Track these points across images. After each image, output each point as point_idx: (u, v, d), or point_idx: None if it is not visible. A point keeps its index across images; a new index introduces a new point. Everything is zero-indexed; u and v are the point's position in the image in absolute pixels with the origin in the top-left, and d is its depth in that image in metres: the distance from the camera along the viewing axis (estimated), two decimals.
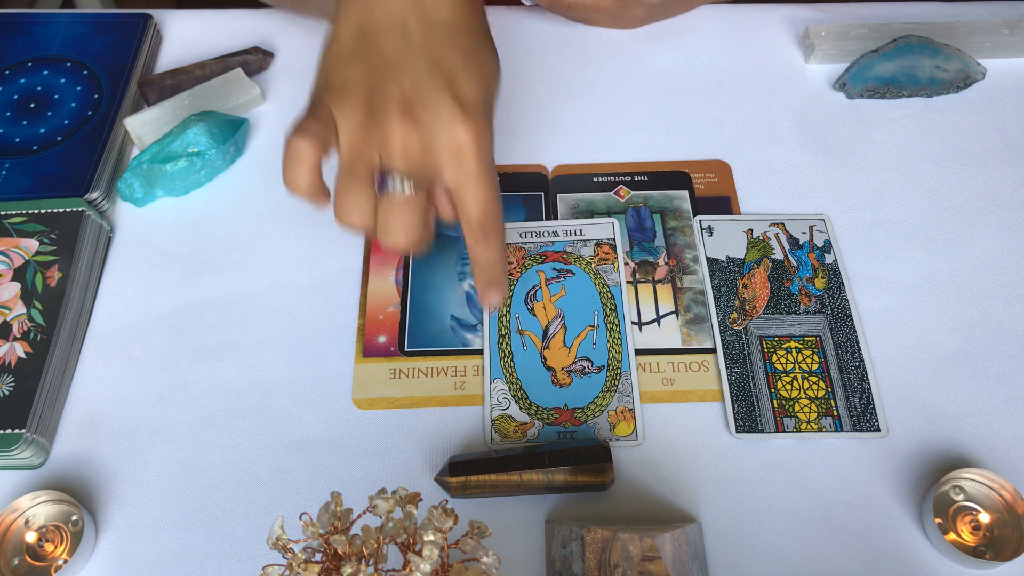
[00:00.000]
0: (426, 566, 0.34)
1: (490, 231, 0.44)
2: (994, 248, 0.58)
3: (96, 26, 0.68)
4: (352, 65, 0.42)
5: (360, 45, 0.42)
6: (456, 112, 0.40)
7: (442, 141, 0.41)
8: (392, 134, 0.40)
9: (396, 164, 0.41)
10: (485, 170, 0.42)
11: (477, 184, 0.42)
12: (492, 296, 0.48)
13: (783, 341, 0.54)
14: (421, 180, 0.42)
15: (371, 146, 0.41)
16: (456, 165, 0.41)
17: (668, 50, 0.69)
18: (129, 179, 0.59)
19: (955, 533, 0.47)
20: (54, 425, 0.52)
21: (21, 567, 0.47)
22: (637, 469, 0.50)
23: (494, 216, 0.44)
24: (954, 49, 0.64)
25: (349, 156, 0.41)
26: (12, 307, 0.54)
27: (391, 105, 0.40)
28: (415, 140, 0.41)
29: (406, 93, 0.40)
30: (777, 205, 0.60)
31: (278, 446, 0.51)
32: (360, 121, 0.41)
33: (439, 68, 0.41)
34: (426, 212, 0.43)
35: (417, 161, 0.41)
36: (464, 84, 0.41)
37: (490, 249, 0.45)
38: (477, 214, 0.43)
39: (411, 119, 0.40)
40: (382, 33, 0.41)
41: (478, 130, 0.41)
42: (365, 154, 0.41)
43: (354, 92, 0.41)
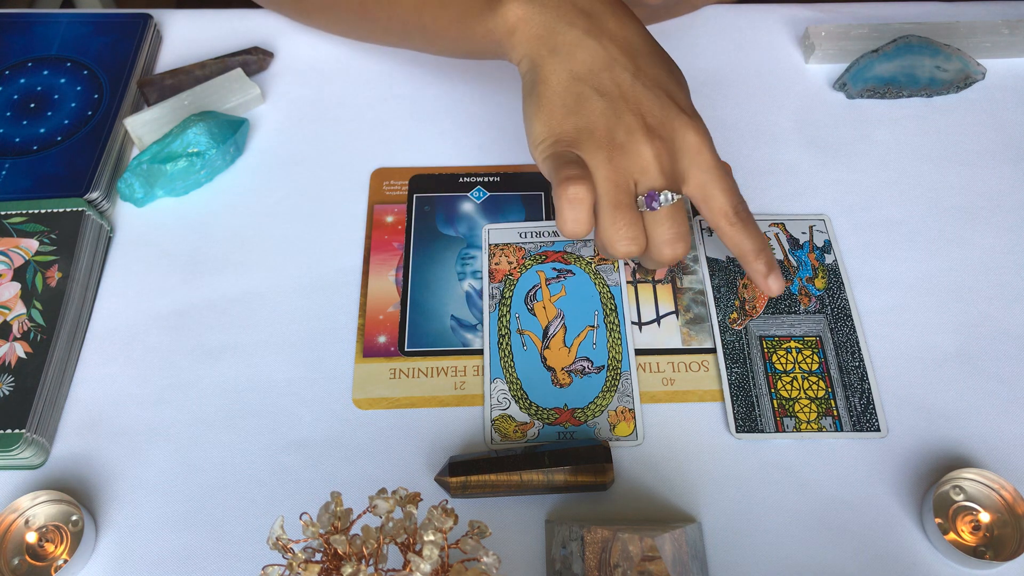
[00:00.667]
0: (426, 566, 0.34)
1: (744, 215, 0.47)
2: (994, 248, 0.58)
3: (96, 26, 0.68)
4: (578, 112, 0.45)
5: (578, 91, 0.45)
6: (685, 120, 0.45)
7: (684, 147, 0.45)
8: (645, 155, 0.44)
9: (655, 181, 0.45)
10: (720, 163, 0.46)
11: (720, 176, 0.46)
12: (774, 282, 0.49)
13: (783, 341, 0.54)
14: (678, 187, 0.46)
15: (627, 176, 0.45)
16: (699, 164, 0.46)
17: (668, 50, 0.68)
18: (129, 179, 0.59)
19: (955, 533, 0.47)
20: (54, 425, 0.52)
21: (21, 567, 0.47)
22: (637, 469, 0.50)
23: (741, 201, 0.47)
24: (954, 49, 0.64)
25: (611, 191, 0.44)
26: (12, 307, 0.54)
27: (635, 132, 0.44)
28: (664, 153, 0.45)
29: (643, 117, 0.45)
30: (777, 205, 0.60)
31: (278, 446, 0.51)
32: (609, 155, 0.44)
33: (657, 89, 0.46)
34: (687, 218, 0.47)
35: (669, 172, 0.45)
36: (678, 95, 0.47)
37: (750, 232, 0.48)
38: (728, 201, 0.46)
39: (656, 137, 0.45)
40: (596, 74, 0.45)
41: (705, 131, 0.46)
42: (625, 184, 0.45)
43: (594, 133, 0.45)
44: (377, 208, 0.60)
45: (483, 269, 0.57)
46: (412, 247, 0.58)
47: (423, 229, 0.59)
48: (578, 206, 0.44)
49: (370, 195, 0.61)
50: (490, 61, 0.69)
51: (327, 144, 0.64)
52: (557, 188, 0.44)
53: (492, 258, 0.57)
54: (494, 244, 0.58)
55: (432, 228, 0.59)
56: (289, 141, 0.64)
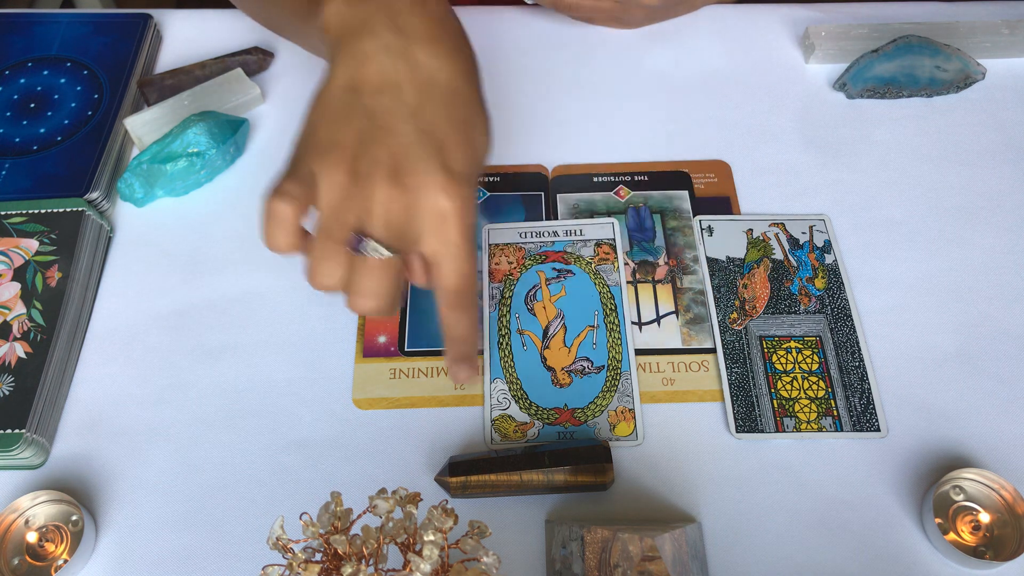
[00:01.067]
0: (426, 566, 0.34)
1: (465, 302, 0.43)
2: (994, 248, 0.58)
3: (96, 26, 0.68)
4: (340, 124, 0.41)
5: (349, 102, 0.41)
6: (443, 181, 0.39)
7: (426, 209, 0.40)
8: (375, 198, 0.39)
9: (376, 228, 0.40)
10: (466, 242, 0.41)
11: (457, 255, 0.41)
12: (462, 372, 0.47)
13: (783, 341, 0.54)
14: (398, 246, 0.41)
15: (351, 209, 0.40)
16: (438, 234, 0.40)
17: (668, 50, 0.69)
18: (129, 179, 0.59)
19: (955, 533, 0.47)
20: (54, 425, 0.52)
21: (21, 567, 0.47)
22: (637, 469, 0.50)
23: (470, 288, 0.43)
24: (954, 49, 0.64)
25: (328, 219, 0.40)
26: (12, 307, 0.54)
27: (378, 168, 0.39)
28: (398, 205, 0.40)
29: (394, 157, 0.39)
30: (777, 205, 0.60)
31: (278, 446, 0.51)
32: (342, 183, 0.40)
33: (430, 135, 0.40)
34: (399, 277, 0.42)
35: (397, 227, 0.40)
36: (453, 154, 0.40)
37: (463, 321, 0.44)
38: (454, 284, 0.42)
39: (397, 184, 0.39)
40: (374, 92, 0.40)
41: (463, 202, 0.40)
42: (343, 217, 0.40)
43: (340, 152, 0.40)
44: None
45: (483, 269, 0.57)
46: None
47: None
48: (277, 224, 0.40)
49: None
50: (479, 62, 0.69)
51: None
52: (267, 196, 0.40)
53: (492, 258, 0.57)
54: (494, 244, 0.58)
55: None
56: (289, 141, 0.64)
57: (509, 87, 0.66)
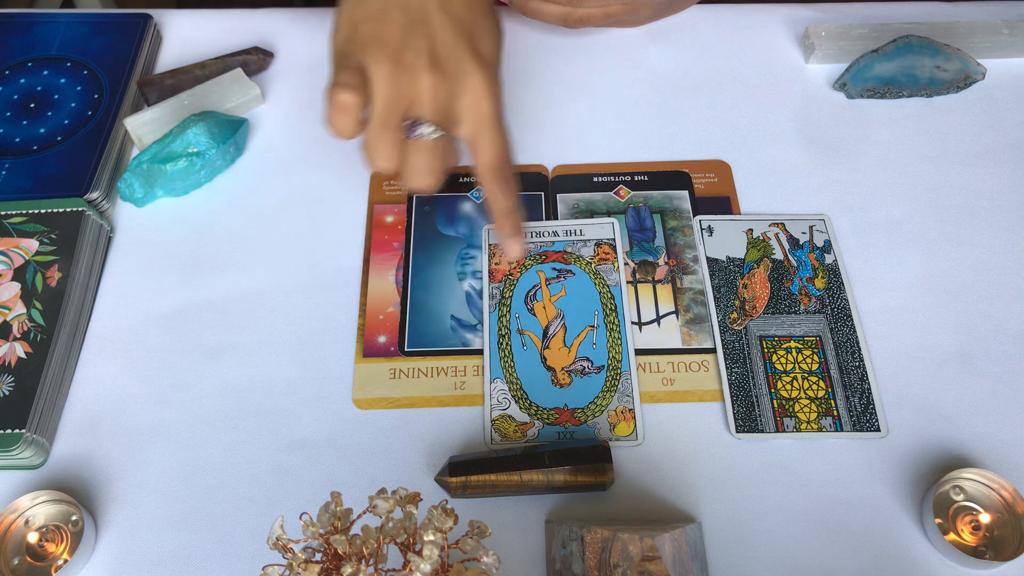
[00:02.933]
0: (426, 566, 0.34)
1: (506, 174, 0.47)
2: (994, 248, 0.58)
3: (96, 26, 0.68)
4: (381, 18, 0.45)
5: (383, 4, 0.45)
6: (477, 65, 0.44)
7: (465, 91, 0.44)
8: (423, 85, 0.44)
9: (426, 112, 0.44)
10: (499, 117, 0.46)
11: (492, 128, 0.45)
12: (514, 245, 0.50)
13: (783, 341, 0.54)
14: (447, 125, 0.45)
15: (402, 96, 0.44)
16: (474, 111, 0.45)
17: (668, 50, 0.69)
18: (129, 179, 0.59)
19: (955, 533, 0.47)
20: (54, 425, 0.52)
21: (21, 567, 0.47)
22: (637, 469, 0.50)
23: (508, 160, 0.47)
24: (954, 49, 0.64)
25: (382, 107, 0.44)
26: (12, 307, 0.54)
27: (421, 59, 0.44)
28: (443, 90, 0.44)
29: (434, 47, 0.44)
30: (777, 205, 0.60)
31: (278, 446, 0.51)
32: (391, 73, 0.44)
33: (461, 25, 0.45)
34: (446, 156, 0.47)
35: (442, 109, 0.44)
36: (481, 41, 0.45)
37: (507, 193, 0.48)
38: (493, 158, 0.46)
39: (440, 71, 0.44)
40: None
41: (493, 82, 0.45)
42: (396, 104, 0.44)
43: (384, 46, 0.44)
44: (377, 208, 0.60)
45: (483, 269, 0.57)
46: (412, 247, 0.58)
47: (423, 229, 0.59)
48: (343, 113, 0.44)
49: (370, 195, 0.61)
50: None
51: (327, 144, 0.63)
52: (329, 90, 0.44)
53: (492, 258, 0.57)
54: (494, 244, 0.58)
55: (432, 228, 0.59)
56: (289, 141, 0.64)
57: (509, 87, 0.66)
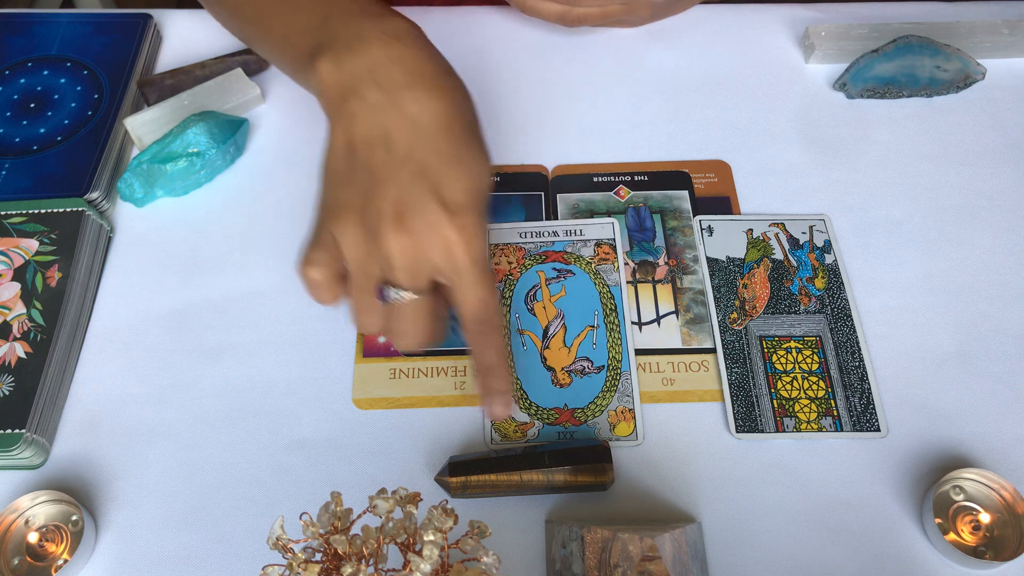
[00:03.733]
0: (426, 566, 0.34)
1: (487, 328, 0.45)
2: (994, 248, 0.58)
3: (96, 26, 0.68)
4: (344, 185, 0.43)
5: (349, 162, 0.43)
6: (443, 215, 0.42)
7: (433, 245, 0.42)
8: (389, 248, 0.42)
9: (398, 274, 0.43)
10: (477, 268, 0.43)
11: (470, 282, 0.43)
12: (496, 406, 0.47)
13: (783, 341, 0.54)
14: (423, 283, 0.43)
15: (372, 262, 0.43)
16: (449, 264, 0.43)
17: (668, 50, 0.69)
18: (129, 179, 0.59)
19: (955, 533, 0.47)
20: (54, 425, 0.52)
21: (21, 567, 0.47)
22: (637, 469, 0.50)
23: (489, 312, 0.44)
24: (954, 49, 0.64)
25: (356, 273, 0.44)
26: (12, 307, 0.54)
27: (383, 219, 0.42)
28: (410, 249, 0.42)
29: (395, 205, 0.42)
30: (777, 205, 0.60)
31: (278, 446, 0.51)
32: (359, 239, 0.43)
33: (424, 175, 0.42)
34: (433, 311, 0.45)
35: (416, 267, 0.43)
36: (449, 187, 0.42)
37: (489, 348, 0.45)
38: (472, 311, 0.44)
39: (403, 229, 0.42)
40: (368, 148, 0.43)
41: (466, 229, 0.42)
42: (368, 270, 0.43)
43: (348, 212, 0.43)
44: None
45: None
46: None
47: None
48: (315, 288, 0.45)
49: None
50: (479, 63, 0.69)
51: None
52: (299, 266, 0.44)
53: (492, 258, 0.57)
54: (494, 244, 0.58)
55: None
56: (289, 141, 0.64)
57: (509, 87, 0.66)
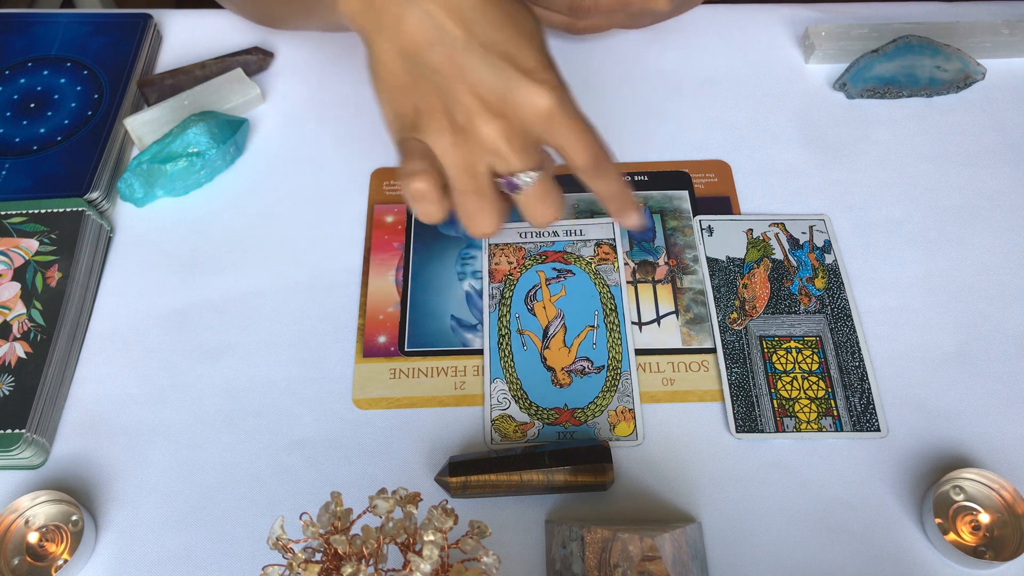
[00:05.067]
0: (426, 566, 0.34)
1: (602, 167, 0.44)
2: (994, 248, 0.58)
3: (96, 26, 0.68)
4: (415, 92, 0.42)
5: (411, 68, 0.42)
6: (528, 84, 0.40)
7: (531, 118, 0.41)
8: (490, 139, 0.41)
9: (511, 160, 0.41)
10: (575, 120, 0.42)
11: (576, 136, 0.42)
12: (630, 219, 0.47)
13: (783, 341, 0.54)
14: (536, 158, 0.42)
15: (477, 158, 0.41)
16: (551, 129, 0.41)
17: (668, 50, 0.69)
18: (129, 179, 0.59)
19: (955, 533, 0.47)
20: (54, 425, 0.52)
21: (21, 567, 0.47)
22: (637, 469, 0.50)
23: (600, 155, 0.44)
24: (954, 49, 0.64)
25: (460, 176, 0.42)
26: (12, 307, 0.54)
27: (472, 112, 0.40)
28: (512, 132, 0.41)
29: (479, 94, 0.40)
30: (777, 205, 0.60)
31: (278, 446, 0.51)
32: (453, 141, 0.41)
33: (493, 52, 0.41)
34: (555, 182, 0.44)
35: (524, 146, 0.41)
36: (519, 54, 0.41)
37: (610, 181, 0.45)
38: (586, 160, 0.43)
39: (496, 115, 0.41)
40: (425, 48, 0.41)
41: (553, 89, 0.41)
42: (473, 167, 0.42)
43: (432, 116, 0.41)
44: (377, 208, 0.60)
45: (483, 269, 0.57)
46: (412, 247, 0.58)
47: (423, 229, 0.59)
48: (422, 201, 0.42)
49: (370, 195, 0.61)
50: None
51: (327, 144, 0.64)
52: (401, 182, 0.42)
53: (492, 258, 0.57)
54: (494, 244, 0.58)
55: (432, 228, 0.59)
56: (289, 141, 0.64)
57: None
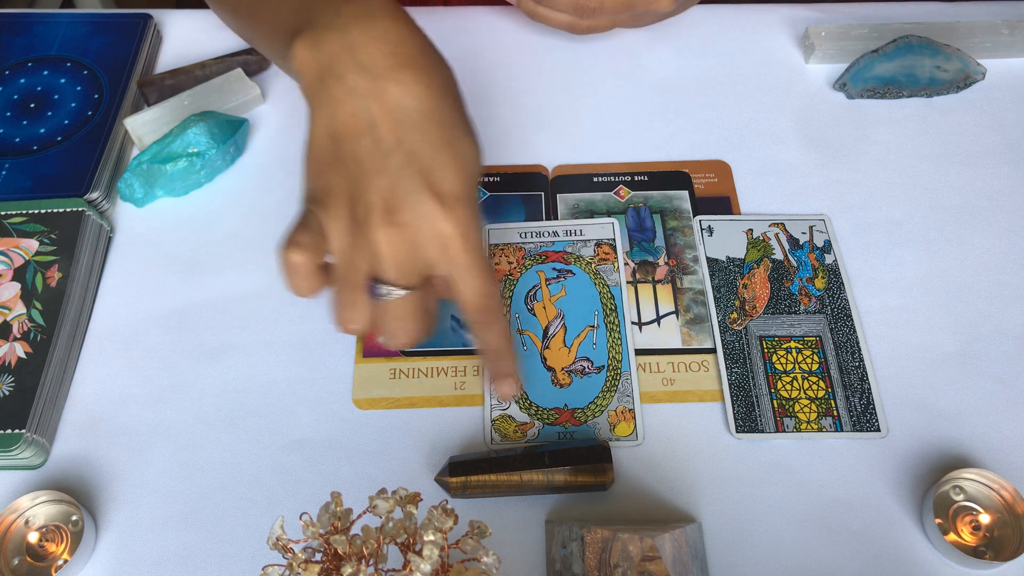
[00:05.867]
0: (426, 566, 0.34)
1: (490, 318, 0.44)
2: (994, 248, 0.58)
3: (96, 26, 0.68)
4: (330, 172, 0.41)
5: (334, 151, 0.41)
6: (435, 207, 0.40)
7: (427, 239, 0.40)
8: (378, 242, 0.40)
9: (387, 271, 0.41)
10: (474, 258, 0.41)
11: (468, 273, 0.42)
12: (504, 387, 0.47)
13: (783, 341, 0.54)
14: (414, 279, 0.42)
15: (360, 255, 0.41)
16: (445, 258, 0.41)
17: (668, 50, 0.69)
18: (129, 179, 0.59)
19: (955, 533, 0.47)
20: (54, 425, 0.52)
21: (21, 567, 0.47)
22: (637, 469, 0.50)
23: (490, 301, 0.43)
24: (954, 49, 0.64)
25: (342, 266, 0.42)
26: (12, 307, 0.54)
27: (372, 212, 0.40)
28: (401, 243, 0.40)
29: (385, 197, 0.40)
30: (777, 205, 0.60)
31: (278, 446, 0.51)
32: (346, 229, 0.41)
33: (413, 165, 0.40)
34: (425, 306, 0.43)
35: (407, 262, 0.41)
36: (441, 176, 0.41)
37: (493, 334, 0.45)
38: (473, 301, 0.42)
39: (393, 223, 0.40)
40: (352, 137, 0.41)
41: (460, 220, 0.40)
42: (355, 263, 0.41)
43: (336, 201, 0.41)
44: None
45: None
46: None
47: None
48: (295, 274, 0.42)
49: None
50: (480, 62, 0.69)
51: None
52: (280, 248, 0.42)
53: (492, 258, 0.57)
54: (494, 244, 0.58)
55: None
56: (289, 141, 0.64)
57: (509, 87, 0.66)
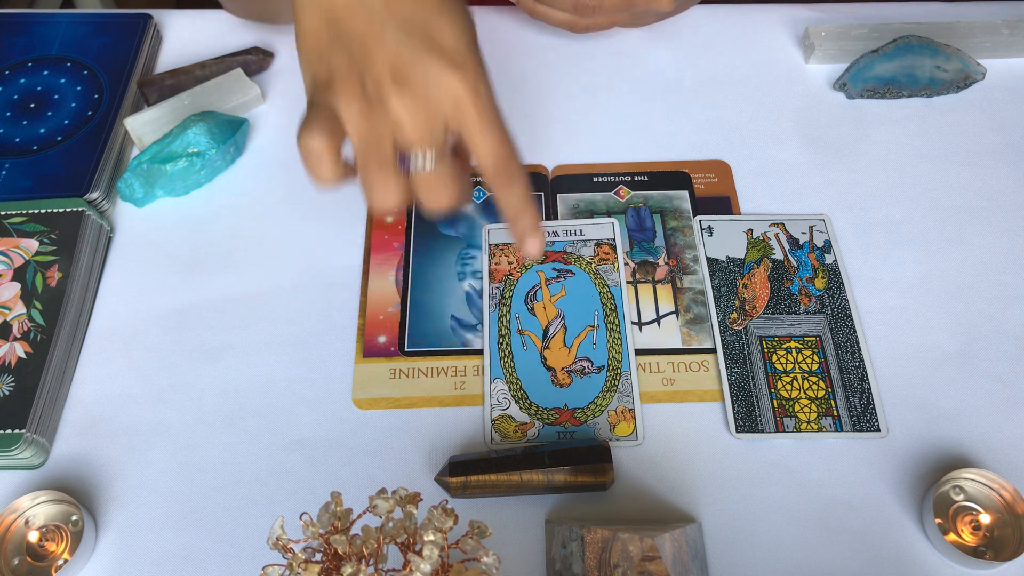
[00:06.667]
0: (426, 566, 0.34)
1: (508, 172, 0.43)
2: (994, 248, 0.58)
3: (96, 26, 0.68)
4: (331, 55, 0.41)
5: (331, 33, 0.41)
6: (443, 63, 0.40)
7: (440, 98, 0.40)
8: (395, 111, 0.40)
9: (410, 136, 0.40)
10: (487, 112, 0.41)
11: (482, 128, 0.41)
12: (529, 245, 0.45)
13: (783, 341, 0.54)
14: (440, 143, 0.41)
15: (380, 129, 0.40)
16: (458, 115, 0.40)
17: (668, 50, 0.69)
18: (129, 179, 0.59)
19: (955, 533, 0.47)
20: (54, 425, 0.52)
21: (21, 567, 0.47)
22: (637, 469, 0.50)
23: (507, 157, 0.42)
24: (954, 49, 0.64)
25: (362, 145, 0.41)
26: (12, 307, 0.54)
27: (382, 82, 0.39)
28: (417, 108, 0.40)
29: (391, 66, 0.40)
30: (777, 205, 0.60)
31: (278, 446, 0.51)
32: (360, 108, 0.40)
33: (412, 28, 0.40)
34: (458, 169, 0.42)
35: (428, 126, 0.40)
36: (441, 33, 0.40)
37: (513, 192, 0.43)
38: (489, 158, 0.42)
39: (405, 89, 0.39)
40: (346, 15, 0.41)
41: (468, 74, 0.40)
42: (377, 138, 0.40)
43: (343, 81, 0.40)
44: None
45: (483, 269, 0.57)
46: (412, 247, 0.58)
47: (423, 229, 0.59)
48: (312, 159, 0.40)
49: None
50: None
51: None
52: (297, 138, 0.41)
53: (492, 258, 0.57)
54: (494, 244, 0.58)
55: (432, 228, 0.59)
56: (289, 141, 0.64)
57: (509, 87, 0.66)
